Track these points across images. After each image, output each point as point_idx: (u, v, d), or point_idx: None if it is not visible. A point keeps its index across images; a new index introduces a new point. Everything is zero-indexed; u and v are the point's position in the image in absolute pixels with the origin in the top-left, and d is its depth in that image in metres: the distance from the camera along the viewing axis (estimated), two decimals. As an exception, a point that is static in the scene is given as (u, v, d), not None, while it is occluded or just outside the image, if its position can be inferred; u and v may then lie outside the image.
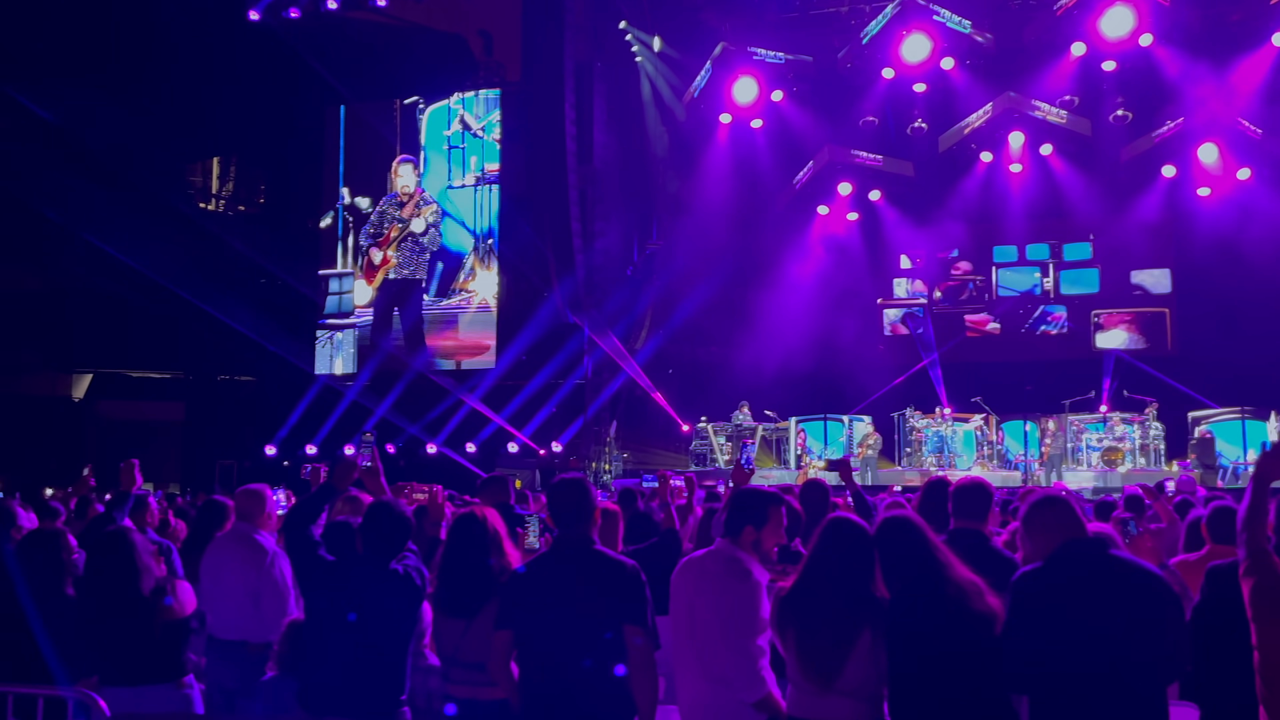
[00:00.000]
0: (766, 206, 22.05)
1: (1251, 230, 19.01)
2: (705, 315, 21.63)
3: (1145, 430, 17.70)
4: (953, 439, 18.75)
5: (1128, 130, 20.07)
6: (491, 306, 21.72)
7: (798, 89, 20.95)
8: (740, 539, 3.93)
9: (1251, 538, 3.37)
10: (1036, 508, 3.54)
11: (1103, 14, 18.26)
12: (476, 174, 22.21)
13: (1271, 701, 3.17)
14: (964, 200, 21.77)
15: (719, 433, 19.70)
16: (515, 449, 19.65)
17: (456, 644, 4.06)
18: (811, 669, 3.49)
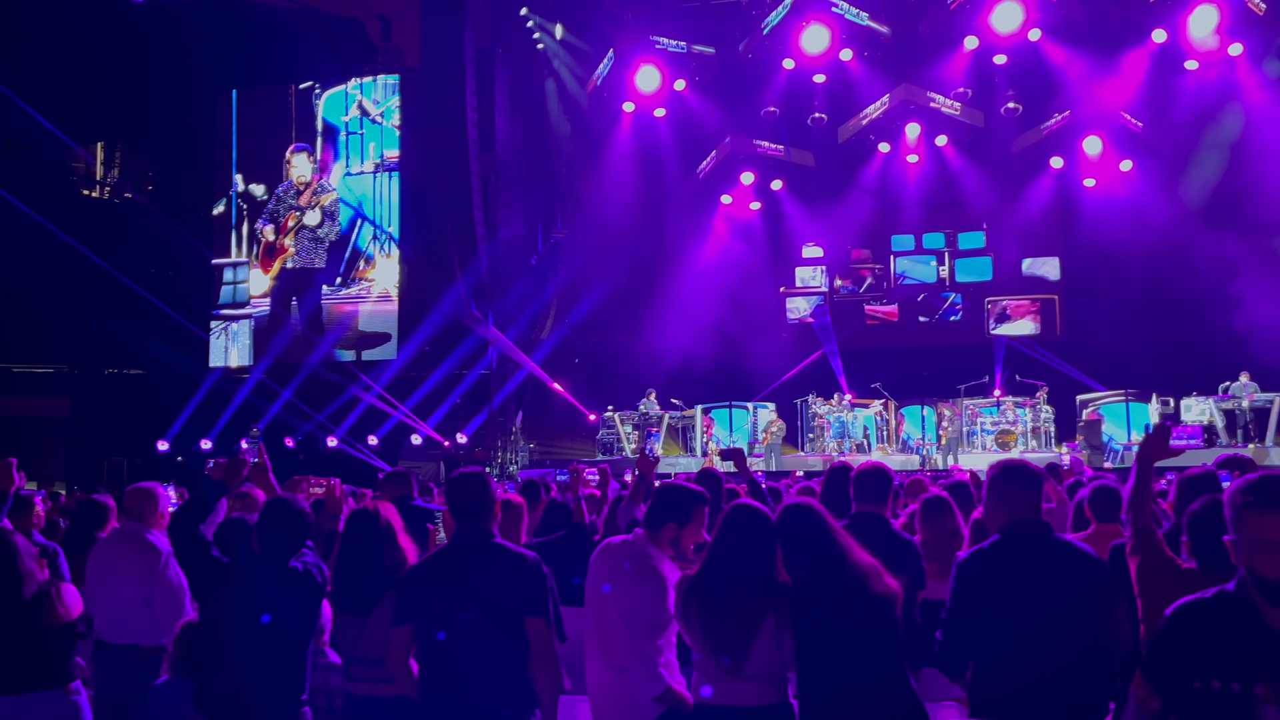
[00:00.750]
0: (670, 195, 22.13)
1: (1133, 219, 19.79)
2: (611, 304, 21.63)
3: (1036, 413, 18.33)
4: (854, 424, 19.14)
5: (1018, 122, 20.70)
6: (392, 296, 21.36)
7: (700, 78, 21.06)
8: (660, 535, 3.93)
9: (1137, 517, 3.46)
10: (1003, 475, 3.61)
11: (993, 9, 18.77)
12: (375, 161, 21.79)
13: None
14: (863, 190, 22.20)
15: (626, 422, 19.73)
16: (419, 441, 19.36)
17: (354, 641, 3.99)
18: (717, 655, 3.50)
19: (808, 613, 3.49)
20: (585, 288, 21.06)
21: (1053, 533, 3.51)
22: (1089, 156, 20.45)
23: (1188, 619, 2.39)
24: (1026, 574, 3.40)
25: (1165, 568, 3.34)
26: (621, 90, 20.77)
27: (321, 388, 20.29)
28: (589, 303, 21.08)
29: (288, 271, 22.02)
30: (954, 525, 5.22)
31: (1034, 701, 3.28)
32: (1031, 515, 3.51)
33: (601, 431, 20.06)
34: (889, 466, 4.70)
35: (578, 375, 21.36)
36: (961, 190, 21.85)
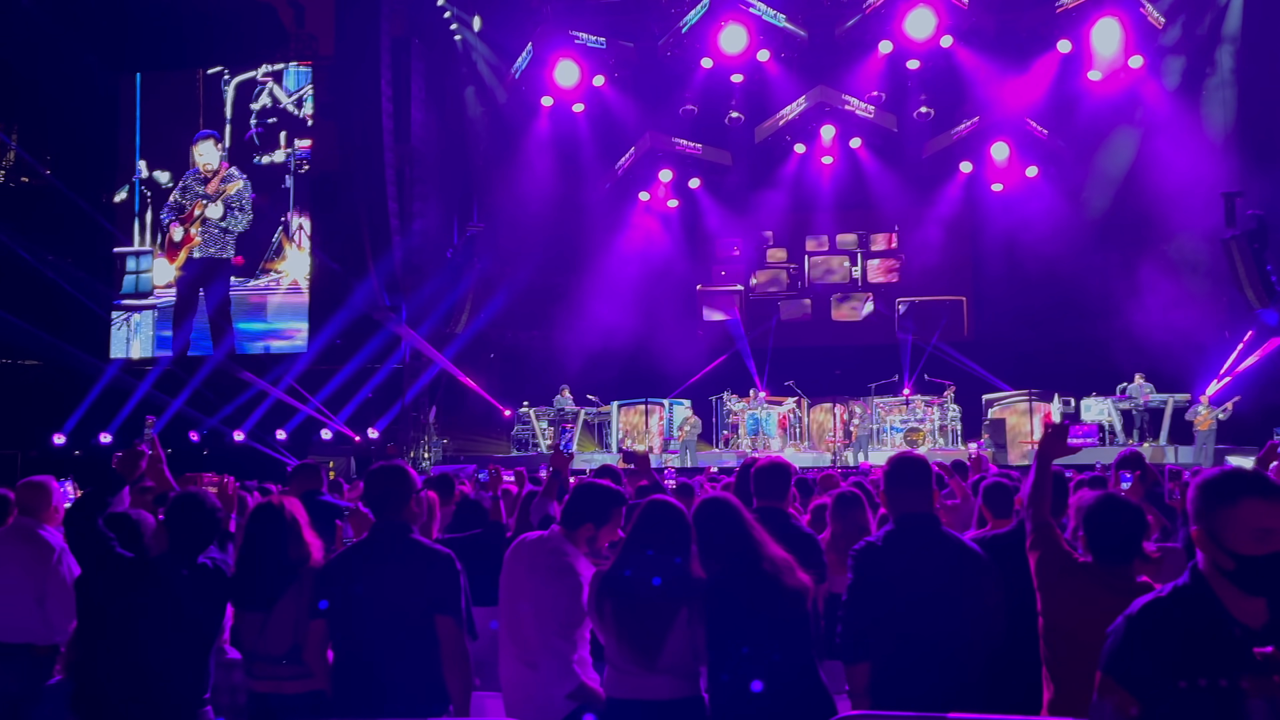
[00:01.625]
0: (589, 191, 22.10)
1: (1038, 224, 20.41)
2: (527, 299, 21.51)
3: (944, 412, 18.77)
4: (767, 421, 19.36)
5: (930, 127, 21.17)
6: (303, 288, 20.91)
7: (619, 75, 21.07)
8: (576, 533, 3.94)
9: (1036, 512, 3.55)
10: (895, 470, 3.68)
11: (907, 14, 19.15)
12: (287, 150, 21.29)
13: (1053, 663, 3.40)
14: (779, 190, 22.47)
15: (541, 417, 19.64)
16: (329, 436, 18.99)
17: (256, 637, 3.91)
18: (631, 649, 3.51)
19: (721, 606, 3.52)
20: (501, 282, 20.90)
21: (940, 526, 3.61)
22: (996, 162, 21.01)
23: (1153, 618, 2.39)
24: (914, 565, 3.50)
25: (1063, 561, 3.44)
26: (540, 84, 20.66)
27: (228, 381, 19.76)
28: (505, 297, 20.92)
29: (194, 261, 21.39)
30: (863, 521, 5.32)
31: (922, 687, 3.36)
32: (921, 508, 3.59)
33: (516, 427, 19.94)
34: (789, 462, 4.77)
35: (493, 370, 21.19)
36: (874, 192, 22.25)
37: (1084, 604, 3.29)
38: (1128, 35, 18.74)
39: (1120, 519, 3.36)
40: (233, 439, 18.92)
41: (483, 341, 21.05)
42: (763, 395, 19.78)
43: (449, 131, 21.38)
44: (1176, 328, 18.27)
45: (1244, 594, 2.33)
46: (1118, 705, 2.38)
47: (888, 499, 3.69)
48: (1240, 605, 2.33)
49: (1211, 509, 2.39)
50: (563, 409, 19.65)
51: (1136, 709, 2.35)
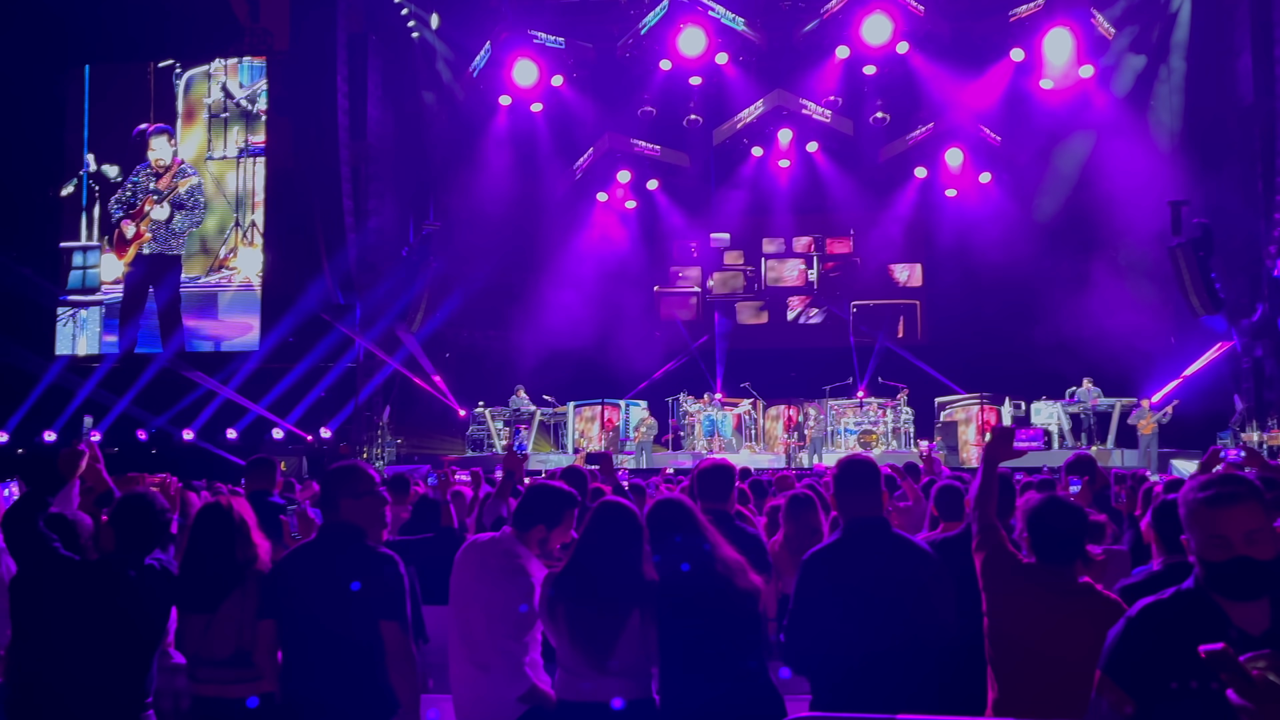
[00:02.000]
0: (547, 190, 22.03)
1: (991, 230, 20.66)
2: (483, 298, 21.39)
3: (897, 414, 18.95)
4: (723, 423, 19.43)
5: (886, 132, 21.35)
6: (255, 285, 20.62)
7: (578, 75, 21.03)
8: (528, 535, 3.91)
9: (983, 514, 3.60)
10: (844, 473, 3.69)
11: (864, 20, 19.31)
12: (240, 145, 21.00)
13: (997, 663, 3.45)
14: (737, 192, 22.56)
15: (496, 418, 19.55)
16: (280, 435, 18.74)
17: (199, 640, 3.84)
18: (583, 651, 3.49)
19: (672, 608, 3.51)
20: (458, 281, 20.75)
21: (890, 529, 3.63)
22: (951, 168, 21.25)
23: (1152, 620, 2.42)
24: (863, 569, 3.50)
25: (1008, 562, 3.48)
26: (498, 83, 20.57)
27: (177, 379, 19.42)
28: (461, 296, 20.78)
29: (144, 258, 21.03)
30: (816, 522, 5.34)
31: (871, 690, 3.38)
32: (871, 511, 3.60)
33: (472, 427, 19.82)
34: (731, 464, 4.80)
35: (448, 370, 21.04)
36: (830, 196, 22.41)
37: (1026, 604, 3.35)
38: (1079, 44, 19.04)
39: (1063, 521, 3.41)
40: (181, 438, 18.61)
41: (439, 341, 20.88)
42: (718, 397, 19.84)
43: (406, 129, 21.20)
44: (1124, 333, 18.61)
45: (1226, 598, 2.35)
46: (1113, 704, 2.41)
47: (838, 502, 3.70)
48: (1240, 611, 2.35)
49: (1185, 517, 2.43)
50: (518, 409, 19.57)
51: (1132, 708, 2.38)
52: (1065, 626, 3.28)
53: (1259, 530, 2.32)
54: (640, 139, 21.58)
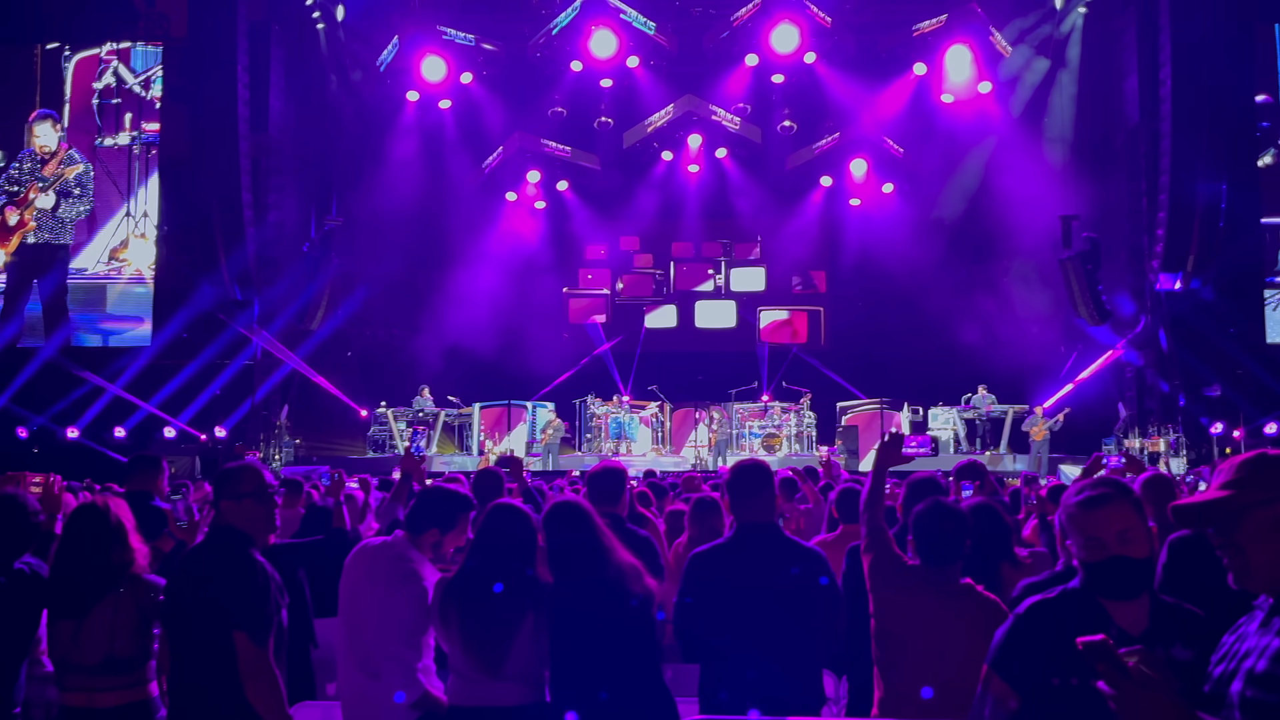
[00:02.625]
0: (454, 189, 21.75)
1: (893, 239, 21.14)
2: (388, 297, 21.03)
3: (800, 418, 19.24)
4: (630, 425, 19.47)
5: (793, 140, 21.66)
6: (147, 279, 19.91)
7: (487, 73, 20.84)
8: (421, 539, 3.83)
9: (871, 518, 3.69)
10: (735, 477, 3.70)
11: (773, 30, 19.55)
12: (132, 133, 20.25)
13: (883, 662, 3.53)
14: (646, 196, 22.62)
15: (399, 418, 19.23)
16: (172, 434, 18.11)
17: (69, 646, 3.66)
18: (476, 656, 3.44)
19: (566, 611, 3.48)
20: (361, 278, 20.36)
21: (780, 532, 3.67)
22: (855, 177, 21.66)
23: (1038, 619, 2.47)
24: (750, 572, 3.55)
25: (894, 564, 3.56)
26: (406, 79, 20.25)
27: (62, 374, 18.61)
28: (364, 294, 20.39)
29: (28, 247, 20.12)
30: (719, 525, 5.36)
31: (756, 690, 3.40)
32: (761, 516, 3.64)
33: (373, 428, 19.46)
34: (623, 466, 4.81)
35: (350, 369, 20.62)
36: (739, 202, 22.64)
37: (910, 605, 3.44)
38: (978, 61, 19.61)
39: (946, 524, 3.50)
40: (65, 436, 17.83)
41: (340, 340, 20.45)
42: (627, 399, 19.88)
43: (309, 122, 20.70)
44: (1018, 342, 19.23)
45: (1107, 598, 2.41)
46: (999, 699, 2.46)
47: (730, 506, 3.73)
48: (1120, 611, 2.41)
49: (1064, 522, 2.51)
50: (422, 410, 19.29)
51: (1016, 703, 2.44)
52: (947, 626, 3.36)
53: (1131, 529, 2.40)
54: (550, 139, 21.47)
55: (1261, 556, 1.90)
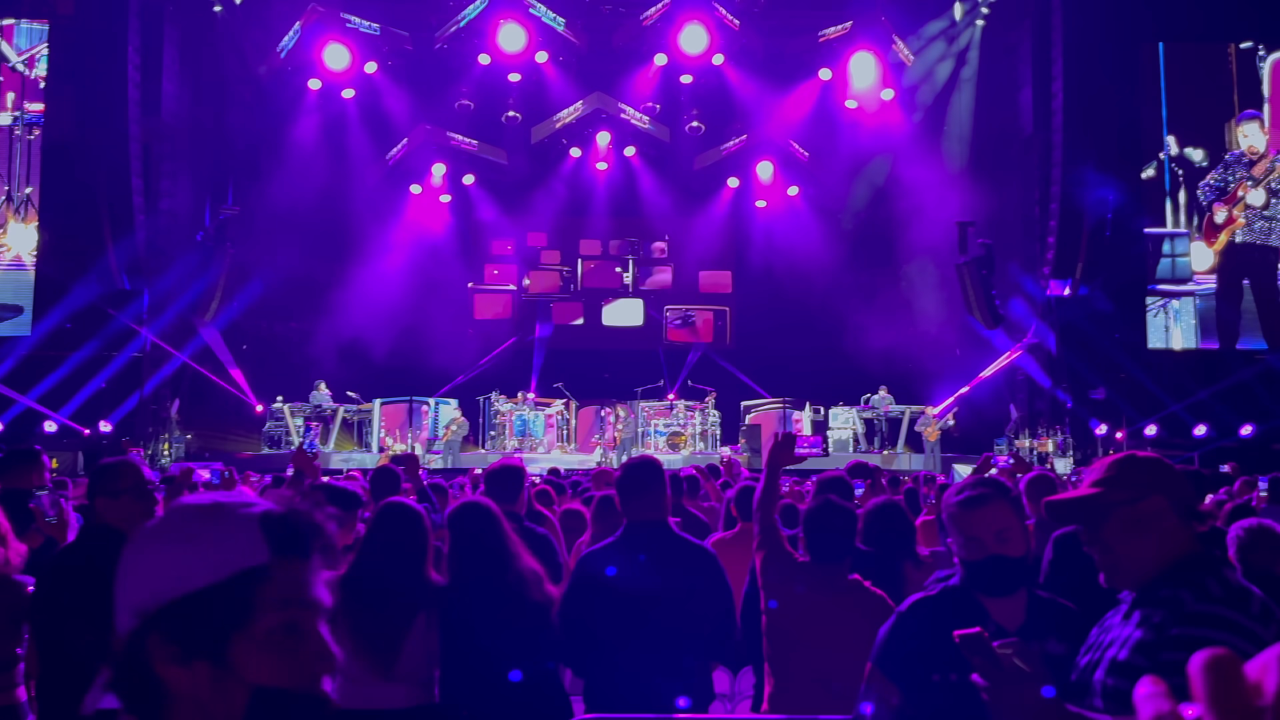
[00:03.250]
0: (357, 180, 21.27)
1: (798, 241, 21.47)
2: (286, 289, 20.48)
3: (705, 417, 19.38)
4: (535, 423, 19.35)
5: (701, 141, 21.81)
6: (27, 265, 19.02)
7: (393, 63, 20.47)
8: None
9: (764, 515, 3.73)
10: (625, 475, 3.70)
11: (681, 30, 19.65)
12: (14, 112, 19.32)
13: (774, 658, 3.57)
14: (554, 192, 22.50)
15: (296, 414, 18.76)
16: (54, 429, 17.33)
17: None
18: (367, 657, 3.35)
19: (462, 614, 3.42)
20: (258, 269, 19.78)
21: (670, 529, 3.67)
22: (761, 180, 21.92)
23: (919, 616, 2.51)
24: (639, 568, 3.54)
25: (785, 561, 3.60)
26: (307, 66, 19.76)
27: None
28: (261, 286, 19.81)
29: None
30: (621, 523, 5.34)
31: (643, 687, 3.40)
32: (652, 513, 3.63)
33: (269, 423, 18.95)
34: (522, 464, 4.78)
35: (245, 362, 20.02)
36: (647, 200, 22.69)
37: (799, 601, 3.48)
38: (881, 68, 20.01)
39: (835, 522, 3.56)
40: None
41: (235, 332, 19.84)
42: (531, 397, 19.75)
43: (205, 107, 20.04)
44: (916, 344, 19.70)
45: (986, 594, 2.46)
46: (881, 694, 2.50)
47: (621, 505, 3.71)
48: (998, 607, 2.46)
49: (945, 521, 2.57)
50: (320, 405, 18.86)
51: (898, 698, 2.48)
52: (835, 621, 3.41)
53: (1008, 529, 2.45)
54: (457, 132, 21.20)
55: (1124, 552, 1.98)
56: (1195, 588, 1.91)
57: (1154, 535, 1.97)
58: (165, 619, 1.13)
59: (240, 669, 1.13)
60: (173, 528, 1.18)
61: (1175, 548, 1.97)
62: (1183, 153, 19.34)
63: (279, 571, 1.16)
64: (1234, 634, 1.81)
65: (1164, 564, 1.96)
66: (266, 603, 1.15)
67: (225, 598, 1.13)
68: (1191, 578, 1.93)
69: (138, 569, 1.17)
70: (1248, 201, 19.05)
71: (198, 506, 1.20)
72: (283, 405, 18.77)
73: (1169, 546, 1.97)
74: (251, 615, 1.14)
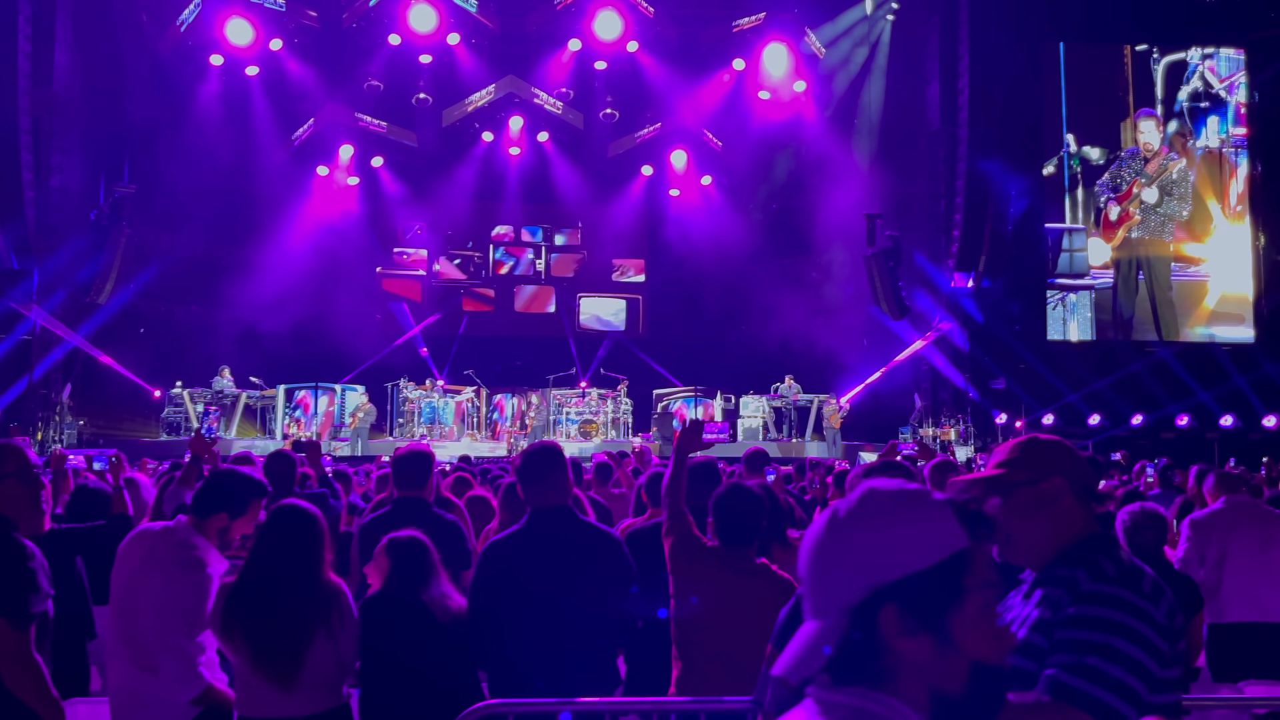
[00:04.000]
0: (261, 160, 20.64)
1: (711, 230, 21.61)
2: (186, 270, 19.84)
3: (617, 405, 19.40)
4: (444, 410, 19.13)
5: (615, 128, 21.76)
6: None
7: (299, 41, 19.90)
8: (208, 524, 3.58)
9: (673, 501, 3.73)
10: (526, 462, 3.65)
11: (596, 15, 19.55)
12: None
13: (681, 642, 3.57)
14: (466, 176, 22.22)
15: (196, 399, 18.19)
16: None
17: None
18: (267, 669, 3.23)
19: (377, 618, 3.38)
20: (156, 250, 19.11)
21: (574, 515, 3.65)
22: (675, 169, 21.99)
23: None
24: (545, 555, 3.52)
25: (693, 546, 3.60)
26: (209, 41, 19.09)
27: None
28: (160, 267, 19.14)
29: None
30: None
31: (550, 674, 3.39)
32: (555, 499, 3.60)
33: (168, 409, 18.34)
34: (430, 449, 4.73)
35: (143, 347, 19.33)
36: (560, 187, 22.57)
37: (708, 585, 3.49)
38: (794, 60, 20.21)
39: (743, 506, 3.57)
40: None
41: (132, 315, 19.13)
42: (440, 383, 19.52)
43: (100, 81, 19.18)
44: (824, 334, 20.00)
45: None
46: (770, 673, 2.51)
47: (523, 491, 3.68)
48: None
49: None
50: (221, 391, 18.33)
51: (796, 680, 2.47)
52: (742, 605, 3.43)
53: None
54: (366, 113, 20.76)
55: (1024, 531, 2.02)
56: (1091, 567, 1.95)
57: (1053, 515, 2.01)
58: (899, 593, 1.24)
59: (959, 643, 1.26)
60: (883, 510, 1.29)
61: (1073, 528, 2.02)
62: (1081, 151, 19.95)
63: (977, 555, 1.29)
64: (1127, 613, 1.86)
65: (1062, 544, 2.01)
66: (973, 583, 1.27)
67: (944, 577, 1.26)
68: (1088, 558, 1.97)
69: (863, 546, 1.28)
70: (1142, 198, 19.77)
71: (897, 493, 1.31)
72: (182, 391, 18.19)
73: (1067, 527, 2.01)
74: (963, 594, 1.26)
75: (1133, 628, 1.81)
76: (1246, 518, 5.42)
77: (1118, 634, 1.80)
